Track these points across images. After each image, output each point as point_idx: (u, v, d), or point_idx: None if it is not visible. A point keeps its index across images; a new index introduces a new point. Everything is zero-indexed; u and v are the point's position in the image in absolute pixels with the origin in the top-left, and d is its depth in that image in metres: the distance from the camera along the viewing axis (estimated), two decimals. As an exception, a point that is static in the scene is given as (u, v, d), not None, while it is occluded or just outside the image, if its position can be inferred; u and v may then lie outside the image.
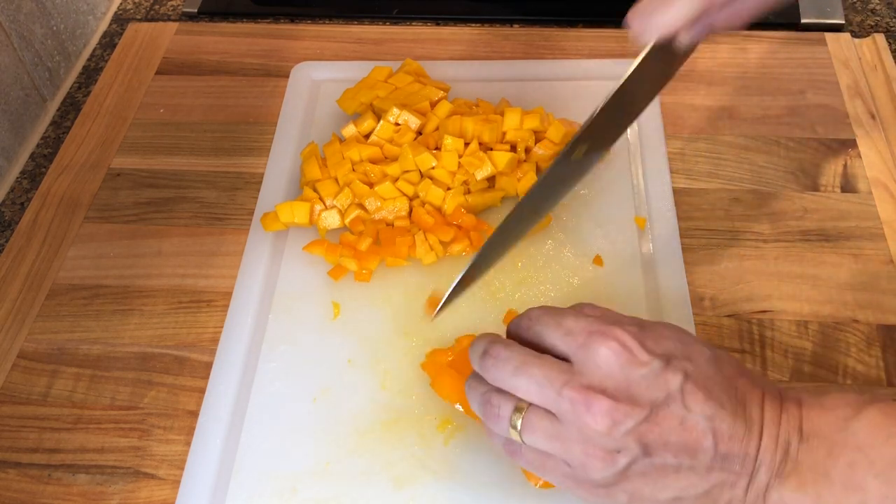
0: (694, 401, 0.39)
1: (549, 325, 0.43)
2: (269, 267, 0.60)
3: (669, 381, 0.40)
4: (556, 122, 0.63)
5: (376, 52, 0.76)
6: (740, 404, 0.40)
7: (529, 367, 0.41)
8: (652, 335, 0.42)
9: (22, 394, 0.55)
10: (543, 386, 0.41)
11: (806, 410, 0.40)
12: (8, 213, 0.67)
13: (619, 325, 0.41)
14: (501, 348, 0.43)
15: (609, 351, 0.40)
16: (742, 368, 0.42)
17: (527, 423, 0.41)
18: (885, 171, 0.64)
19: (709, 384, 0.40)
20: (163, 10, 0.84)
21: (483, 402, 0.43)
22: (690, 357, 0.41)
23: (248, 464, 0.51)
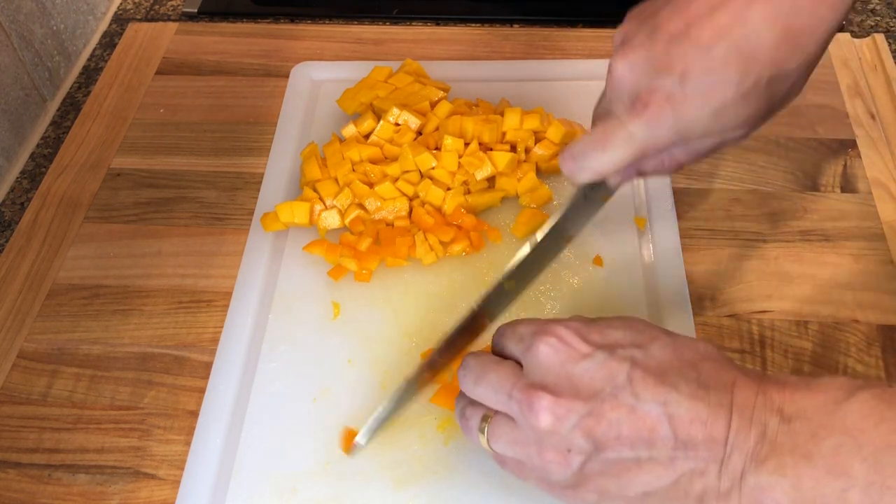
0: (643, 387, 0.38)
1: (506, 335, 0.44)
2: (269, 267, 0.60)
3: (614, 370, 0.39)
4: (556, 122, 0.63)
5: (376, 52, 0.76)
6: (701, 387, 0.38)
7: (487, 374, 0.42)
8: (598, 328, 0.41)
9: (22, 394, 0.55)
10: (497, 391, 0.41)
11: (790, 393, 0.38)
12: (8, 213, 0.67)
13: (561, 323, 0.41)
14: (470, 358, 0.44)
15: (548, 347, 0.40)
16: (711, 354, 0.40)
17: (491, 431, 0.42)
18: (885, 171, 0.64)
19: (662, 369, 0.39)
20: (163, 10, 0.84)
21: (459, 416, 0.44)
22: (640, 344, 0.40)
23: (248, 464, 0.51)
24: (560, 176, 0.64)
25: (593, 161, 0.44)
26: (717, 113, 0.41)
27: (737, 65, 0.40)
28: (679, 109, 0.41)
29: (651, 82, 0.42)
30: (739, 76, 0.40)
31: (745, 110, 0.41)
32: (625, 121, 0.43)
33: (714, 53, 0.40)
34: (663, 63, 0.41)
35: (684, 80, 0.41)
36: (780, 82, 0.41)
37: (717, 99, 0.41)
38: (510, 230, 0.60)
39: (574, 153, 0.45)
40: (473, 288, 0.57)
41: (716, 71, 0.40)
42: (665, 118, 0.41)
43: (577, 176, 0.45)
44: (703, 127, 0.42)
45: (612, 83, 0.44)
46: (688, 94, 0.41)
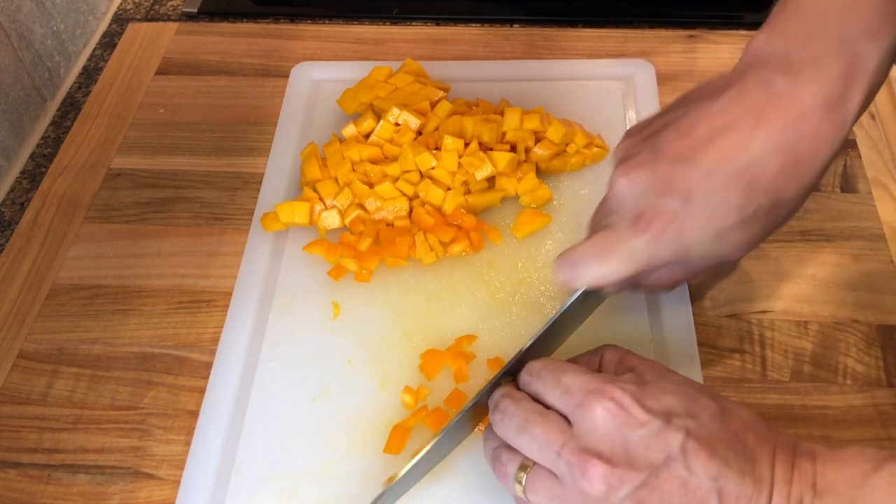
0: (696, 460, 0.38)
1: (548, 382, 0.42)
2: (269, 267, 0.60)
3: (669, 440, 0.38)
4: (556, 122, 0.63)
5: (376, 52, 0.76)
6: (748, 461, 0.39)
7: (531, 426, 0.41)
8: (652, 391, 0.40)
9: (22, 394, 0.55)
10: (543, 446, 0.40)
11: (821, 465, 0.39)
12: (8, 213, 0.67)
13: (616, 383, 0.40)
14: (510, 403, 0.42)
15: (604, 411, 0.39)
16: (752, 420, 0.41)
17: (530, 482, 0.41)
18: (885, 171, 0.64)
19: (713, 441, 0.39)
20: (163, 10, 0.84)
21: (493, 458, 0.43)
22: (693, 413, 0.40)
23: (248, 464, 0.51)
24: (560, 176, 0.64)
25: (592, 272, 0.45)
26: (718, 236, 0.42)
27: (737, 190, 0.41)
28: (682, 229, 0.42)
29: (654, 201, 0.42)
30: (741, 202, 0.41)
31: (745, 235, 0.43)
32: (627, 236, 0.43)
33: (716, 178, 0.41)
34: (667, 183, 0.42)
35: (687, 201, 0.42)
36: (778, 209, 0.42)
37: (719, 221, 0.42)
38: (510, 230, 0.60)
39: (573, 261, 0.45)
40: (473, 287, 0.57)
41: (718, 194, 0.41)
42: (668, 237, 0.42)
43: (574, 284, 0.46)
44: (703, 248, 0.43)
45: (614, 198, 0.45)
46: (691, 215, 0.42)
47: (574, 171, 0.64)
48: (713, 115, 0.42)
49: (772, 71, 0.42)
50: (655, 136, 0.44)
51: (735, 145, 0.41)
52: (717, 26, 0.76)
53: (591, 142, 0.64)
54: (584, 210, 0.61)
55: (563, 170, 0.64)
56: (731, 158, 0.41)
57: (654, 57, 0.73)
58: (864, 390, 0.53)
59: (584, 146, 0.63)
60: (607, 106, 0.68)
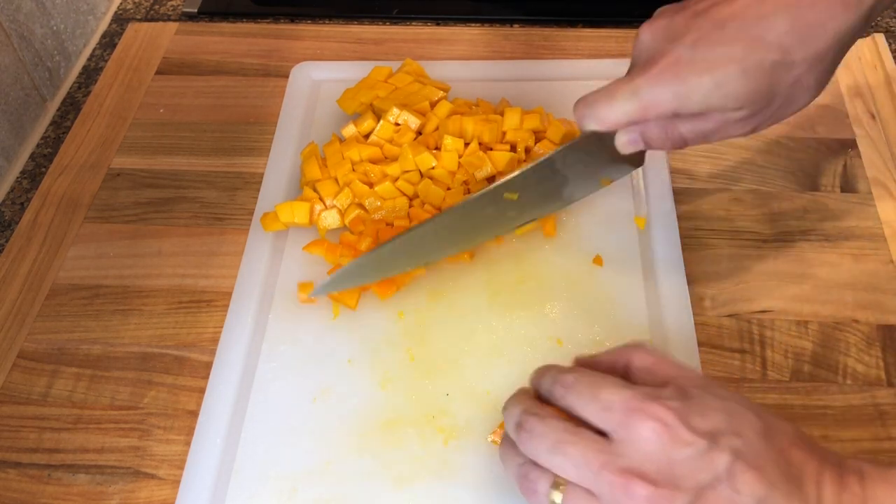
0: (744, 482, 0.37)
1: (585, 397, 0.41)
2: (269, 267, 0.60)
3: (716, 461, 0.37)
4: (556, 122, 0.63)
5: (376, 52, 0.76)
6: (795, 482, 0.37)
7: (566, 446, 0.39)
8: (697, 408, 0.39)
9: (22, 394, 0.55)
10: (580, 466, 0.39)
11: (871, 486, 0.37)
12: (8, 213, 0.67)
13: (659, 401, 0.39)
14: (537, 422, 0.41)
15: (650, 433, 0.38)
16: (796, 436, 0.39)
17: (567, 502, 0.39)
18: (884, 171, 0.64)
19: (760, 461, 0.37)
20: (163, 10, 0.84)
21: (520, 476, 0.41)
22: (739, 431, 0.38)
23: (248, 464, 0.51)
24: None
25: (599, 110, 0.47)
26: (718, 84, 0.44)
27: (744, 42, 0.43)
28: (682, 72, 0.44)
29: (664, 46, 0.45)
30: (743, 53, 0.43)
31: (745, 86, 0.44)
32: (632, 76, 0.46)
33: (726, 29, 0.44)
34: (680, 32, 0.45)
35: (694, 48, 0.44)
36: (784, 69, 0.44)
37: (720, 70, 0.43)
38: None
39: (587, 101, 0.48)
40: (473, 287, 0.57)
41: (723, 45, 0.43)
42: (667, 78, 0.44)
43: (584, 122, 0.48)
44: (702, 95, 0.44)
45: (635, 47, 0.48)
46: (694, 61, 0.44)
47: (574, 171, 0.64)
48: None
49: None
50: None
51: (749, 3, 0.44)
52: (717, 26, 0.76)
53: (591, 142, 0.64)
54: (584, 210, 0.61)
55: (563, 170, 0.64)
56: (744, 13, 0.44)
57: (654, 57, 0.73)
58: (864, 390, 0.53)
59: (584, 146, 0.63)
60: (607, 106, 0.68)
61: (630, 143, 0.48)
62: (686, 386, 0.41)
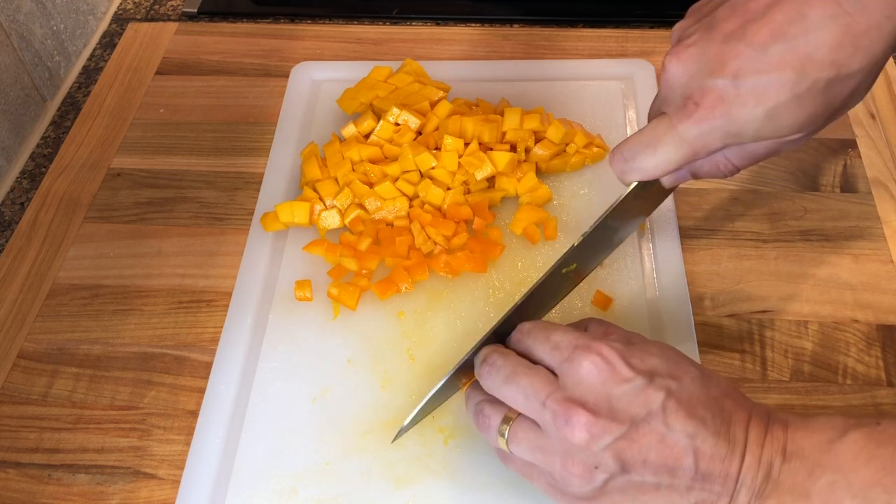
0: (675, 419, 0.39)
1: (538, 339, 0.44)
2: (269, 267, 0.60)
3: (651, 397, 0.40)
4: (556, 122, 0.63)
5: (376, 52, 0.76)
6: (724, 424, 0.40)
7: (518, 377, 0.42)
8: (638, 352, 0.42)
9: (22, 394, 0.55)
10: (529, 396, 0.41)
11: (791, 432, 0.40)
12: (8, 213, 0.67)
13: (604, 341, 0.42)
14: (497, 356, 0.44)
15: (591, 365, 0.40)
16: (730, 389, 0.42)
17: (513, 433, 0.42)
18: (885, 171, 0.64)
19: (692, 403, 0.40)
20: (163, 10, 0.84)
21: (476, 412, 0.45)
22: (675, 375, 0.41)
23: (248, 464, 0.51)
24: (560, 176, 0.64)
25: (643, 162, 0.44)
26: (771, 115, 0.40)
27: (792, 65, 0.38)
28: (731, 111, 0.40)
29: (703, 82, 0.41)
30: (795, 77, 0.39)
31: (800, 113, 0.40)
32: (675, 122, 0.42)
33: (769, 53, 0.39)
34: (717, 63, 0.40)
35: (737, 81, 0.39)
36: (840, 85, 0.39)
37: (771, 100, 0.39)
38: (508, 227, 0.60)
39: (624, 153, 0.44)
40: (473, 287, 0.57)
41: (771, 72, 0.39)
42: (716, 120, 0.40)
43: (627, 176, 0.45)
44: (755, 130, 0.41)
45: (666, 82, 0.43)
46: (741, 96, 0.40)
47: (574, 171, 0.64)
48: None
49: None
50: (711, 13, 0.42)
51: (789, 17, 0.38)
52: (717, 26, 0.76)
53: (591, 142, 0.64)
54: (584, 210, 0.61)
55: (563, 170, 0.64)
56: (785, 31, 0.38)
57: (654, 57, 0.73)
58: (864, 390, 0.53)
59: (584, 146, 0.63)
60: (607, 106, 0.68)
61: (678, 181, 0.46)
62: (632, 337, 0.43)
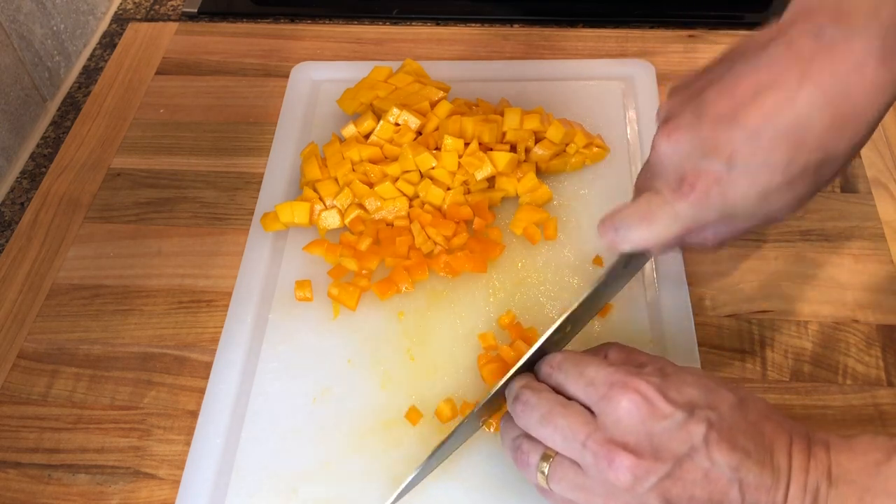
0: (718, 452, 0.39)
1: (571, 375, 0.43)
2: (269, 267, 0.60)
3: (692, 431, 0.39)
4: (556, 122, 0.63)
5: (376, 52, 0.76)
6: (767, 452, 0.39)
7: (554, 417, 0.41)
8: (674, 384, 0.41)
9: (22, 394, 0.55)
10: (567, 438, 0.41)
11: (835, 454, 0.39)
12: (8, 213, 0.67)
13: (640, 376, 0.41)
14: (531, 394, 0.43)
15: (630, 403, 0.40)
16: (768, 410, 0.41)
17: (553, 472, 0.41)
18: (885, 171, 0.64)
19: (733, 432, 0.39)
20: (163, 10, 0.84)
21: (514, 448, 0.44)
22: (714, 404, 0.40)
23: (248, 464, 0.51)
24: (560, 176, 0.64)
25: (636, 235, 0.44)
26: (764, 197, 0.41)
27: (785, 149, 0.39)
28: (725, 193, 0.41)
29: (697, 164, 0.41)
30: (787, 161, 0.39)
31: (791, 194, 0.41)
32: (670, 199, 0.43)
33: (762, 137, 0.39)
34: (710, 145, 0.41)
35: (731, 164, 0.40)
36: (827, 166, 0.40)
37: (764, 183, 0.40)
38: (508, 227, 0.60)
39: (616, 224, 0.45)
40: (473, 287, 0.57)
41: (763, 155, 0.40)
42: (712, 200, 0.41)
43: (618, 246, 0.46)
44: (749, 210, 0.42)
45: (657, 160, 0.44)
46: (734, 178, 0.40)
47: (574, 171, 0.64)
48: (758, 71, 0.40)
49: (822, 20, 0.39)
50: (698, 94, 0.42)
51: (780, 102, 0.39)
52: (717, 26, 0.76)
53: (591, 142, 0.64)
54: (584, 210, 0.61)
55: (563, 170, 0.64)
56: (776, 116, 0.39)
57: (654, 57, 0.73)
58: (864, 390, 0.53)
59: (584, 146, 0.63)
60: (607, 106, 0.68)
61: (667, 250, 0.46)
62: (663, 366, 0.43)
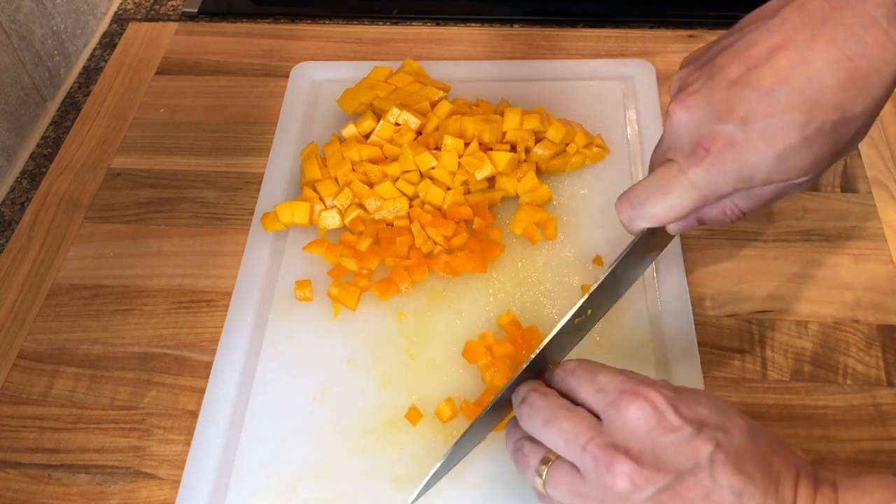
0: (723, 473, 0.37)
1: (582, 380, 0.42)
2: (269, 267, 0.60)
3: (699, 449, 0.38)
4: (556, 122, 0.63)
5: (376, 52, 0.76)
6: (773, 482, 0.38)
7: (559, 420, 0.41)
8: (687, 400, 0.40)
9: (22, 394, 0.55)
10: (570, 440, 0.40)
11: (842, 493, 0.38)
12: (8, 213, 0.67)
13: (652, 386, 0.40)
14: (537, 397, 0.42)
15: (639, 411, 0.39)
16: (778, 444, 0.40)
17: (551, 475, 0.41)
18: (885, 170, 0.64)
19: (741, 457, 0.38)
20: (163, 10, 0.84)
21: (515, 449, 0.43)
22: (724, 427, 0.39)
23: (248, 464, 0.51)
24: (560, 176, 0.64)
25: (653, 208, 0.44)
26: (781, 158, 0.40)
27: (800, 109, 0.39)
28: (741, 155, 0.40)
29: (712, 128, 0.41)
30: (803, 120, 0.39)
31: (809, 155, 0.40)
32: (685, 167, 0.42)
33: (776, 97, 0.39)
34: (724, 108, 0.40)
35: (746, 125, 0.40)
36: (845, 126, 0.40)
37: (781, 144, 0.40)
38: (508, 227, 0.60)
39: (632, 199, 0.44)
40: (473, 287, 0.57)
41: (778, 115, 0.39)
42: (727, 164, 0.41)
43: (636, 223, 0.45)
44: (765, 173, 0.41)
45: (672, 129, 0.43)
46: (750, 140, 0.40)
47: (574, 171, 0.64)
48: (770, 34, 0.40)
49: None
50: (711, 61, 0.42)
51: (793, 62, 0.39)
52: (717, 26, 0.76)
53: (591, 142, 0.64)
54: (584, 210, 0.61)
55: (563, 170, 0.64)
56: (790, 76, 0.39)
57: (654, 57, 0.73)
58: (864, 390, 0.53)
59: (584, 146, 0.63)
60: (607, 106, 0.68)
61: (684, 228, 0.46)
62: (678, 387, 0.42)
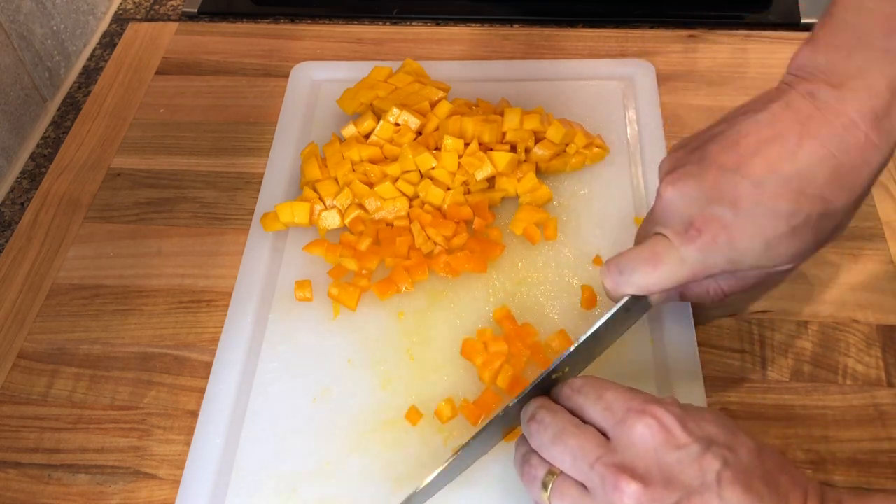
0: (731, 492, 0.37)
1: (590, 398, 0.42)
2: (269, 267, 0.60)
3: (706, 467, 0.38)
4: (556, 122, 0.63)
5: (376, 52, 0.76)
6: (781, 501, 0.38)
7: (567, 437, 0.41)
8: (694, 418, 0.40)
9: (22, 394, 0.55)
10: (577, 458, 0.40)
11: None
12: (8, 213, 0.67)
13: (660, 404, 0.40)
14: (545, 413, 0.43)
15: (646, 429, 0.39)
16: (786, 464, 0.40)
17: (556, 489, 0.41)
18: (885, 170, 0.64)
19: (749, 476, 0.38)
20: (163, 10, 0.84)
21: (522, 462, 0.43)
22: (732, 446, 0.39)
23: (248, 464, 0.51)
24: (560, 176, 0.64)
25: (641, 278, 0.45)
26: (769, 245, 0.42)
27: (787, 198, 0.41)
28: (733, 238, 0.42)
29: (704, 209, 0.43)
30: (791, 210, 0.41)
31: (795, 244, 0.43)
32: (677, 244, 0.44)
33: (766, 186, 0.41)
34: (715, 192, 0.42)
35: (737, 209, 0.42)
36: (828, 219, 0.42)
37: (769, 230, 0.42)
38: (508, 227, 0.60)
39: (621, 266, 0.46)
40: (473, 287, 0.57)
41: (768, 203, 0.41)
42: (719, 246, 0.42)
43: (622, 289, 0.46)
44: (754, 258, 0.43)
45: (662, 206, 0.45)
46: (741, 224, 0.42)
47: (574, 171, 0.64)
48: (759, 127, 0.43)
49: (817, 84, 0.42)
50: (702, 147, 0.44)
51: (782, 155, 0.41)
52: (717, 26, 0.76)
53: (591, 142, 0.64)
54: (584, 210, 0.61)
55: (563, 170, 0.64)
56: (779, 167, 0.41)
57: (654, 57, 0.73)
58: (864, 390, 0.53)
59: (584, 146, 0.63)
60: (607, 106, 0.68)
61: (666, 300, 0.47)
62: (686, 405, 0.42)
